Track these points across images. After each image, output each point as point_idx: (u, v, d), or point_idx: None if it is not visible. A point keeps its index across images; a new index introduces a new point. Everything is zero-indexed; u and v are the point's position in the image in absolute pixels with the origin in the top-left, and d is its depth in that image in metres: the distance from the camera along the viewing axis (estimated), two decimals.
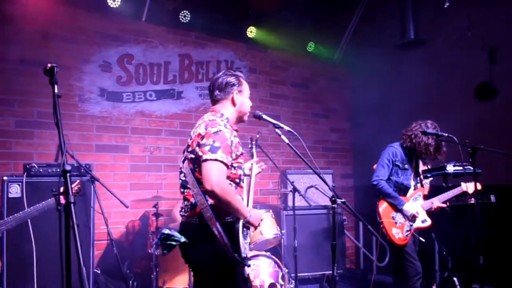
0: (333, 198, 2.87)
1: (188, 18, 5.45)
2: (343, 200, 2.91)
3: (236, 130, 2.74)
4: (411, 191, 3.92)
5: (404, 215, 3.80)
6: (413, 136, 3.79)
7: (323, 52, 6.71)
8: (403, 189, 3.88)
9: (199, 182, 2.52)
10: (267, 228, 4.44)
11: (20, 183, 3.75)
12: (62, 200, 2.94)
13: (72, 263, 1.63)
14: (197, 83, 5.72)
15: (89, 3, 4.90)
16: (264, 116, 2.93)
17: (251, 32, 5.95)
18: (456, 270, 4.10)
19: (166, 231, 2.55)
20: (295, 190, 4.52)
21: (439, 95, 5.64)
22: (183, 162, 2.68)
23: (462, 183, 4.07)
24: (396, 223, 3.77)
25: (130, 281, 4.39)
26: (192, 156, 2.57)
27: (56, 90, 1.92)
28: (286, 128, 2.89)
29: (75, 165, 3.86)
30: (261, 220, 2.71)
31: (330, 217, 5.55)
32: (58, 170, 3.80)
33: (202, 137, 2.52)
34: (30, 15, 4.52)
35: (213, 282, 2.55)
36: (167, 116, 5.44)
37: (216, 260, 2.51)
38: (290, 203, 5.30)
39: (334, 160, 6.88)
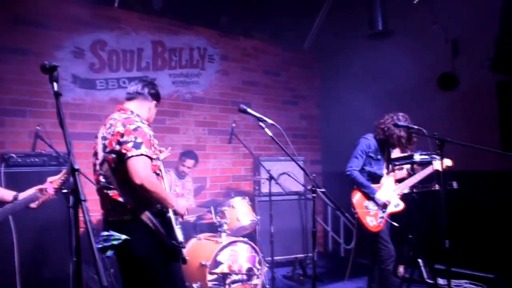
0: (313, 188, 3.02)
1: (161, 5, 5.41)
2: (323, 190, 3.08)
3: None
4: (383, 179, 4.12)
5: (377, 203, 4.00)
6: (385, 129, 3.95)
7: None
8: (376, 178, 4.07)
9: (123, 181, 2.58)
10: (244, 214, 4.57)
11: None
12: (51, 190, 2.93)
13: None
14: (170, 70, 5.72)
15: None
16: (249, 110, 3.04)
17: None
18: (421, 252, 4.35)
19: (105, 233, 2.58)
20: (271, 178, 4.65)
21: (406, 84, 5.86)
22: (101, 165, 2.67)
23: (433, 162, 3.96)
24: (369, 212, 3.95)
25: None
26: (113, 155, 2.60)
27: (56, 89, 1.94)
28: (270, 121, 3.00)
29: (54, 155, 3.83)
30: (187, 208, 2.86)
31: (302, 202, 5.80)
32: (37, 160, 3.78)
33: (122, 135, 2.57)
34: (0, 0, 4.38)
35: (161, 270, 2.66)
36: None
37: (159, 249, 2.64)
38: (263, 190, 5.46)
39: (304, 146, 7.05)
